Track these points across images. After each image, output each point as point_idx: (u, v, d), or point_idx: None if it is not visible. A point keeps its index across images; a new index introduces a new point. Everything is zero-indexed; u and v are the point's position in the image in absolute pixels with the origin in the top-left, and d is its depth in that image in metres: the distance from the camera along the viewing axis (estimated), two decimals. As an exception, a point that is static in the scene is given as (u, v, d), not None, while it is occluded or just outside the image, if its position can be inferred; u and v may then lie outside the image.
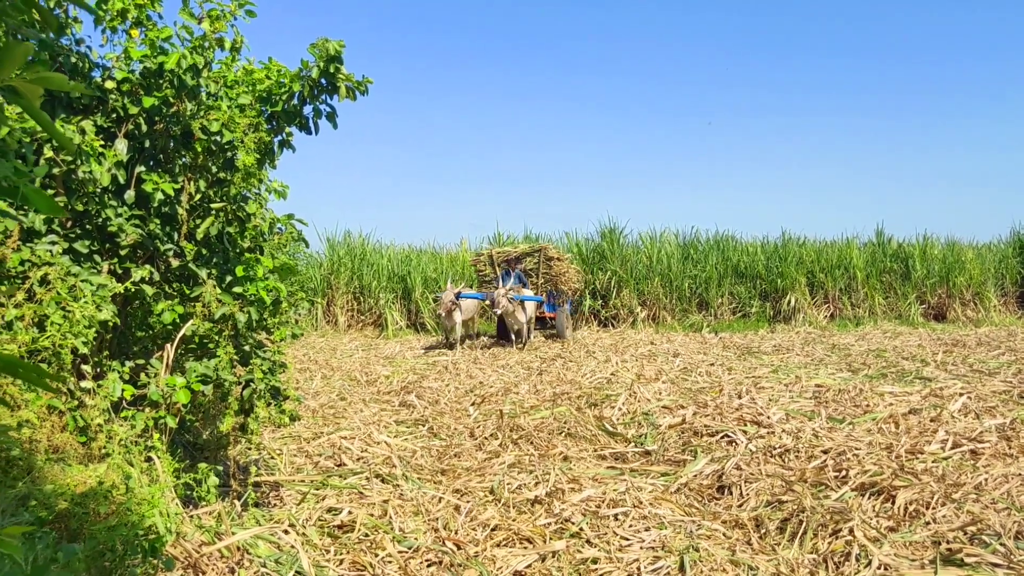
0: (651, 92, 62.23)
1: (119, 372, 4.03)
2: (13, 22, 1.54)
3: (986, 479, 5.22)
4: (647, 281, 19.43)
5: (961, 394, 8.09)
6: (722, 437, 6.55)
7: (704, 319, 19.22)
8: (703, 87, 61.17)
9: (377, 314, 19.26)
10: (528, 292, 15.29)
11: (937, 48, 59.93)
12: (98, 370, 4.13)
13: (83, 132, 4.02)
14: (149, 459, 3.89)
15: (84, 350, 3.62)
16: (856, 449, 5.94)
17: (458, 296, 14.05)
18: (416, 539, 4.29)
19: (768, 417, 7.07)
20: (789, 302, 19.44)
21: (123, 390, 3.98)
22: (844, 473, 5.41)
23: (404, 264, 20.22)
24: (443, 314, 13.84)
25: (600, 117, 64.16)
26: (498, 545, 4.30)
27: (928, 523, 4.47)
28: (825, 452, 5.94)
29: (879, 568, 3.81)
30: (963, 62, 58.54)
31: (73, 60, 4.25)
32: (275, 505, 4.97)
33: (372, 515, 4.60)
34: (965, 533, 4.25)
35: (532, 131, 64.19)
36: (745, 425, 6.87)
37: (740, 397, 8.15)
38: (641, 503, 4.95)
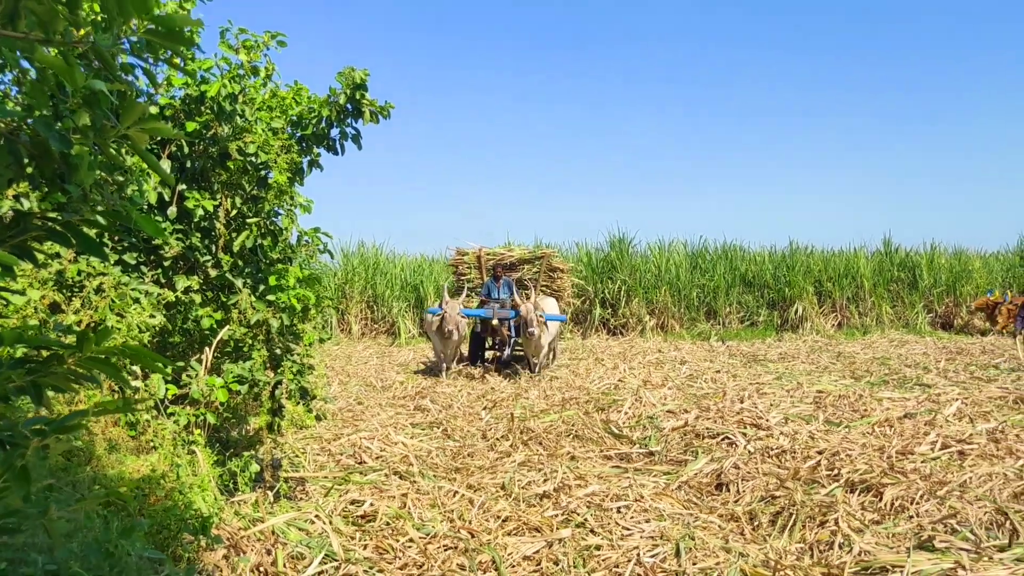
0: (661, 100, 62.63)
1: (162, 373, 4.41)
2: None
3: (971, 477, 5.52)
4: (656, 290, 19.75)
5: (957, 399, 8.38)
6: (723, 439, 6.88)
7: (712, 328, 19.50)
8: (712, 96, 61.50)
9: (390, 322, 19.65)
10: (553, 307, 12.39)
11: (945, 54, 60.10)
12: (144, 371, 4.51)
13: (131, 154, 4.42)
14: (192, 452, 4.26)
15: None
16: (849, 450, 6.26)
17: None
18: (434, 527, 4.66)
19: (767, 420, 7.40)
20: (796, 311, 19.70)
21: (167, 389, 4.36)
22: (836, 472, 5.73)
23: (417, 273, 20.61)
24: (452, 330, 11.22)
25: (611, 126, 64.61)
26: (509, 534, 4.65)
27: (912, 517, 4.81)
28: (820, 453, 6.26)
29: (859, 554, 4.15)
30: (972, 68, 58.72)
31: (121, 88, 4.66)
32: (301, 499, 5.33)
33: (392, 507, 4.97)
34: (945, 525, 4.58)
35: (544, 140, 64.67)
36: (745, 428, 7.20)
37: (742, 402, 8.47)
38: (643, 498, 5.29)
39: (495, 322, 11.98)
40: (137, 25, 1.79)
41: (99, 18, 3.31)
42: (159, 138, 4.64)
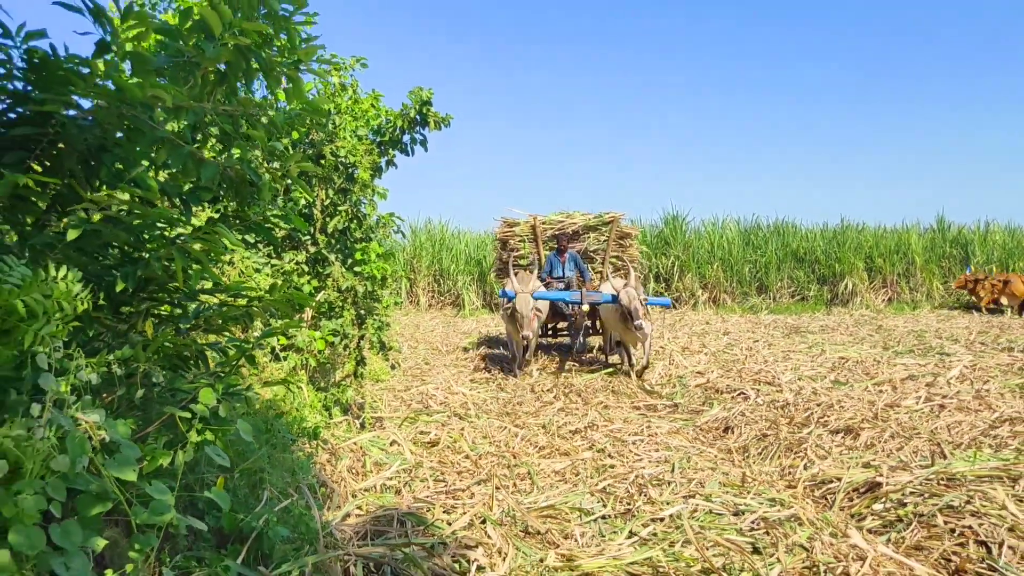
0: (715, 83, 62.50)
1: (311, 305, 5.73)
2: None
3: (940, 425, 6.49)
4: (708, 266, 20.62)
5: (961, 364, 9.22)
6: (738, 393, 7.96)
7: (763, 302, 20.29)
8: (764, 78, 61.11)
9: (455, 295, 21.04)
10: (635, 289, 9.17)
11: (996, 32, 58.44)
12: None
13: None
14: (299, 387, 5.57)
15: (260, 309, 5.34)
16: (843, 403, 7.26)
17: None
18: (484, 449, 5.91)
19: (779, 379, 8.42)
20: (846, 286, 20.33)
21: (278, 339, 5.68)
22: (826, 419, 6.76)
23: (480, 249, 21.89)
24: (531, 333, 9.38)
25: (666, 107, 64.77)
26: (543, 457, 5.87)
27: (877, 452, 5.83)
28: (818, 405, 7.27)
29: (816, 472, 5.23)
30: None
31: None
32: (379, 431, 6.63)
33: (453, 435, 6.23)
34: (894, 456, 5.60)
35: (603, 120, 65.21)
36: (759, 385, 8.25)
37: (765, 364, 9.49)
38: (656, 435, 6.44)
39: (585, 307, 9.82)
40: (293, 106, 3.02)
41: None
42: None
